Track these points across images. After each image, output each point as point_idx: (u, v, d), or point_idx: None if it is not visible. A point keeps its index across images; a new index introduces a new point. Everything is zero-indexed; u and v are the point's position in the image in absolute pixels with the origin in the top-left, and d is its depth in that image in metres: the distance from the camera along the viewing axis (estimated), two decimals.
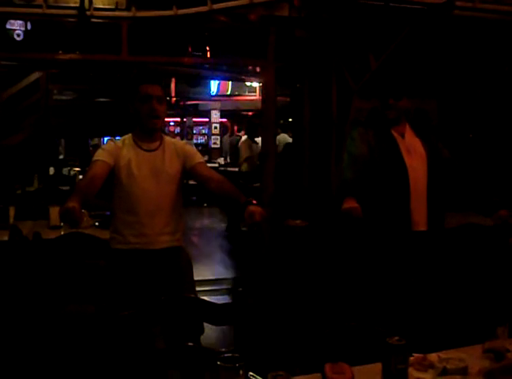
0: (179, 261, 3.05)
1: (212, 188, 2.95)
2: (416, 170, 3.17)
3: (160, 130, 3.07)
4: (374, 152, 3.18)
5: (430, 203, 3.18)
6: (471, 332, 2.29)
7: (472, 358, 1.90)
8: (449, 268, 3.15)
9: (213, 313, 2.22)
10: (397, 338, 1.72)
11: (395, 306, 2.58)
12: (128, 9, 5.39)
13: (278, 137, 8.88)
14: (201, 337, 2.89)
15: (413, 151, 3.22)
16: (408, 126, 3.30)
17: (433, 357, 1.89)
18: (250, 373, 1.69)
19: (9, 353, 3.41)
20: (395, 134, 3.24)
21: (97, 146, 11.54)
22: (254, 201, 2.69)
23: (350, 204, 3.08)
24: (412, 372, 1.80)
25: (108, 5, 5.42)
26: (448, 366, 1.82)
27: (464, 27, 5.45)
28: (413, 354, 1.87)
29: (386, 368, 1.73)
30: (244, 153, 8.34)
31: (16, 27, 6.56)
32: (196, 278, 3.15)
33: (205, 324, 2.76)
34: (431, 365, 1.85)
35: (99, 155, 2.95)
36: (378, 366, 1.77)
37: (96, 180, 2.84)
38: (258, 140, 8.02)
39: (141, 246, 2.94)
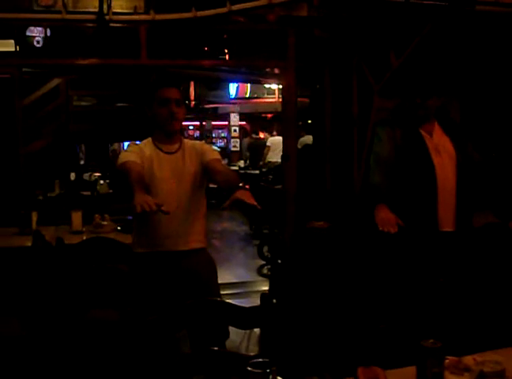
0: (203, 263, 3.01)
1: (218, 181, 2.87)
2: (444, 168, 3.09)
3: (179, 132, 3.05)
4: (401, 151, 3.11)
5: (459, 202, 3.09)
6: (507, 333, 2.22)
7: (509, 360, 1.83)
8: (480, 268, 3.07)
9: (240, 317, 2.18)
10: (432, 341, 1.67)
11: (426, 308, 2.52)
12: (146, 12, 5.38)
13: (301, 139, 8.87)
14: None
15: (442, 149, 3.13)
16: (436, 125, 3.21)
17: (468, 360, 1.83)
18: None
19: (32, 359, 3.40)
20: (423, 133, 3.16)
21: (116, 151, 11.59)
22: (247, 186, 2.63)
23: (385, 213, 2.96)
24: (447, 375, 1.74)
25: (127, 9, 5.42)
26: (484, 369, 1.76)
27: (487, 23, 5.35)
28: (447, 357, 1.81)
29: (421, 372, 1.67)
30: None
31: (36, 33, 6.61)
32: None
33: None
34: (467, 369, 1.78)
35: (127, 156, 2.86)
36: (412, 370, 1.72)
37: (140, 170, 2.78)
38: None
39: (165, 248, 2.92)
